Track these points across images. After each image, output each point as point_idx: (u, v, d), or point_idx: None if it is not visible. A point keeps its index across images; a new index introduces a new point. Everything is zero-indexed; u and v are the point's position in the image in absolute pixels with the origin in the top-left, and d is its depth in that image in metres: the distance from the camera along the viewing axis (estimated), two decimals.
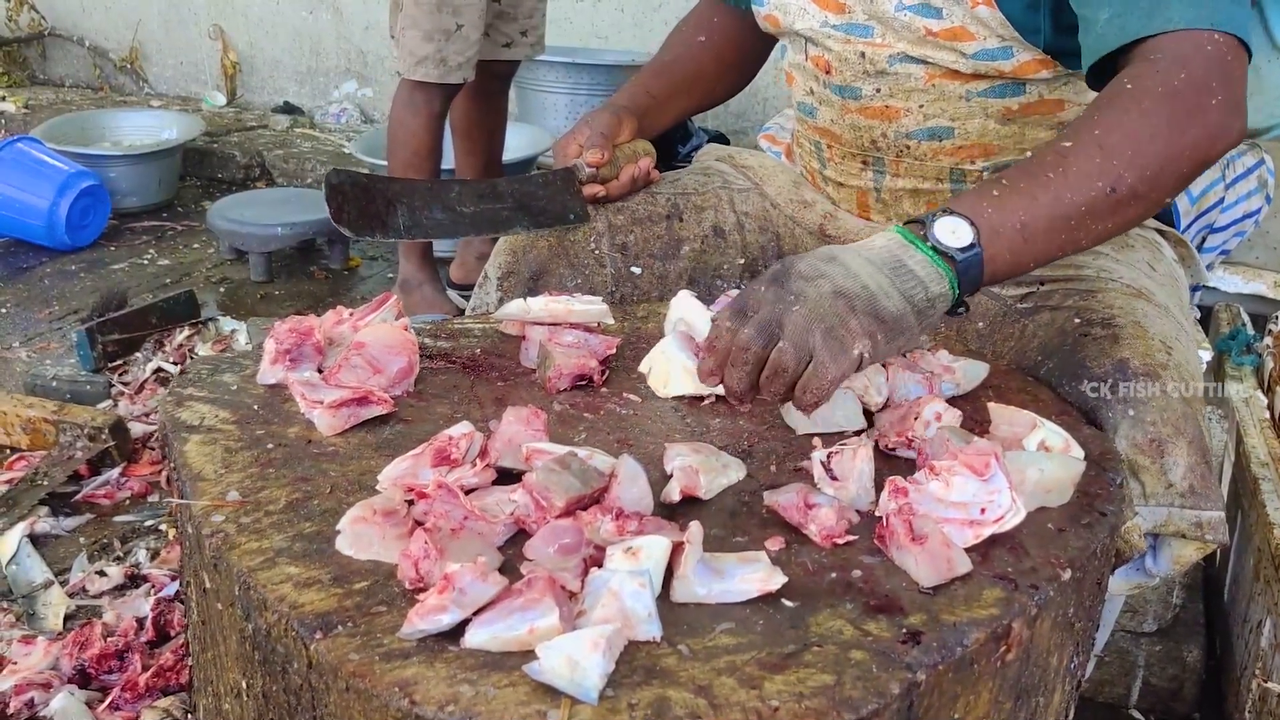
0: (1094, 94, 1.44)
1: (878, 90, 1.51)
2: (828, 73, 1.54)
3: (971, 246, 1.14)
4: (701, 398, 1.27)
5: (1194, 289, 1.77)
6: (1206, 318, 2.62)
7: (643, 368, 1.32)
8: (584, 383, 1.30)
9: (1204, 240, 2.68)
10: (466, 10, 3.02)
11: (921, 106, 1.50)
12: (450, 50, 3.02)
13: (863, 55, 1.49)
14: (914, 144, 1.52)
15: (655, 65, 1.75)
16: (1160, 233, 1.59)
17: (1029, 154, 1.48)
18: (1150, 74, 1.23)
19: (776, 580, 0.95)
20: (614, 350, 1.33)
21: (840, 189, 1.64)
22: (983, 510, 1.01)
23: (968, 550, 0.99)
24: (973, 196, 1.18)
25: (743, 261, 1.66)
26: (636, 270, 1.61)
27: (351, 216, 1.45)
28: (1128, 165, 1.18)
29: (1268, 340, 2.37)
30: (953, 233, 1.14)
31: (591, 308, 1.38)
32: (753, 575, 0.95)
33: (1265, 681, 1.77)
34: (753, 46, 1.75)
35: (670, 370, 1.28)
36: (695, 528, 0.96)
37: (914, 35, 1.44)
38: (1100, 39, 1.28)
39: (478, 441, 1.11)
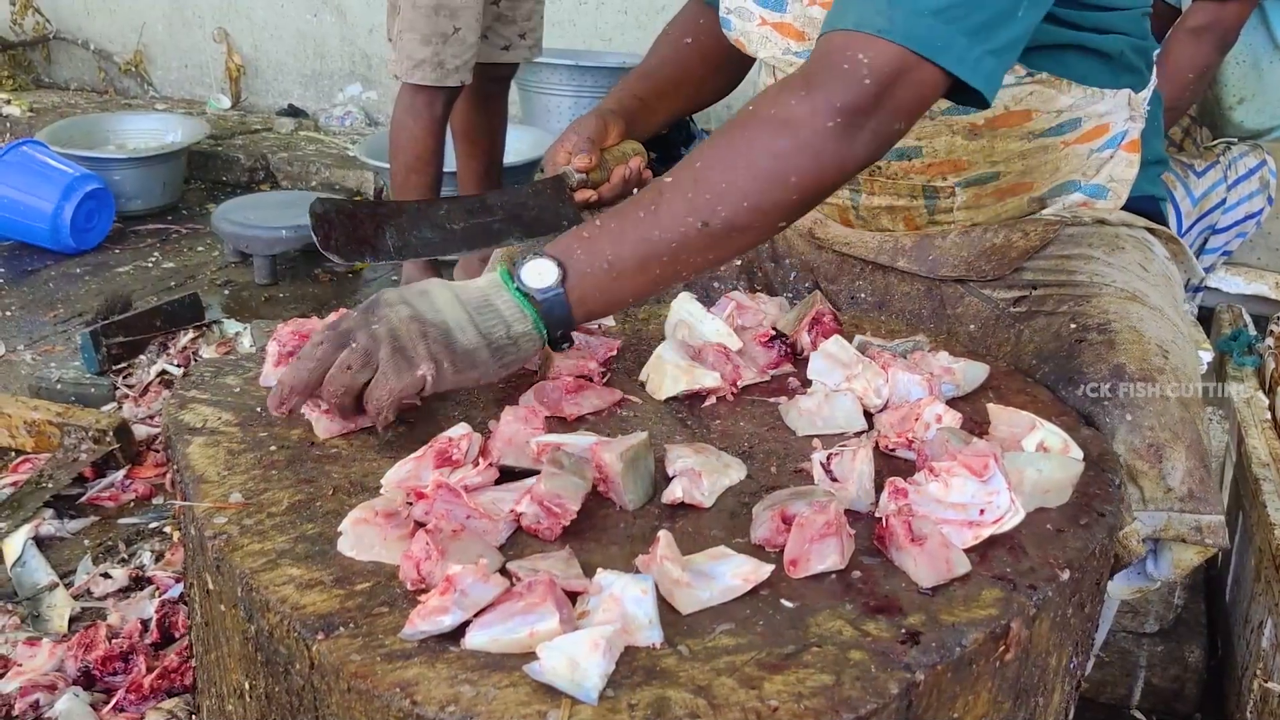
0: (1064, 99, 1.43)
1: None
2: None
3: (553, 288, 1.16)
4: (701, 398, 1.28)
5: (1195, 290, 1.77)
6: (1208, 319, 2.63)
7: (642, 377, 1.32)
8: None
9: (1206, 241, 2.68)
10: (464, 13, 3.03)
11: None
12: (448, 53, 3.03)
13: None
14: (884, 164, 1.51)
15: (642, 69, 1.75)
16: (1151, 231, 1.58)
17: (998, 166, 1.48)
18: (773, 92, 1.21)
19: (764, 570, 0.96)
20: (615, 352, 1.34)
21: (823, 206, 1.65)
22: (982, 511, 1.02)
23: (966, 551, 1.00)
24: (568, 238, 1.21)
25: (739, 263, 1.67)
26: None
27: (339, 242, 1.46)
28: (721, 200, 1.16)
29: (1269, 341, 2.37)
30: (539, 275, 1.17)
31: None
32: (740, 570, 0.96)
33: (1266, 682, 1.78)
34: (738, 49, 1.75)
35: (664, 371, 1.28)
36: (665, 536, 0.96)
37: None
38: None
39: (476, 442, 1.12)
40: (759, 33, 1.53)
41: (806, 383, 1.29)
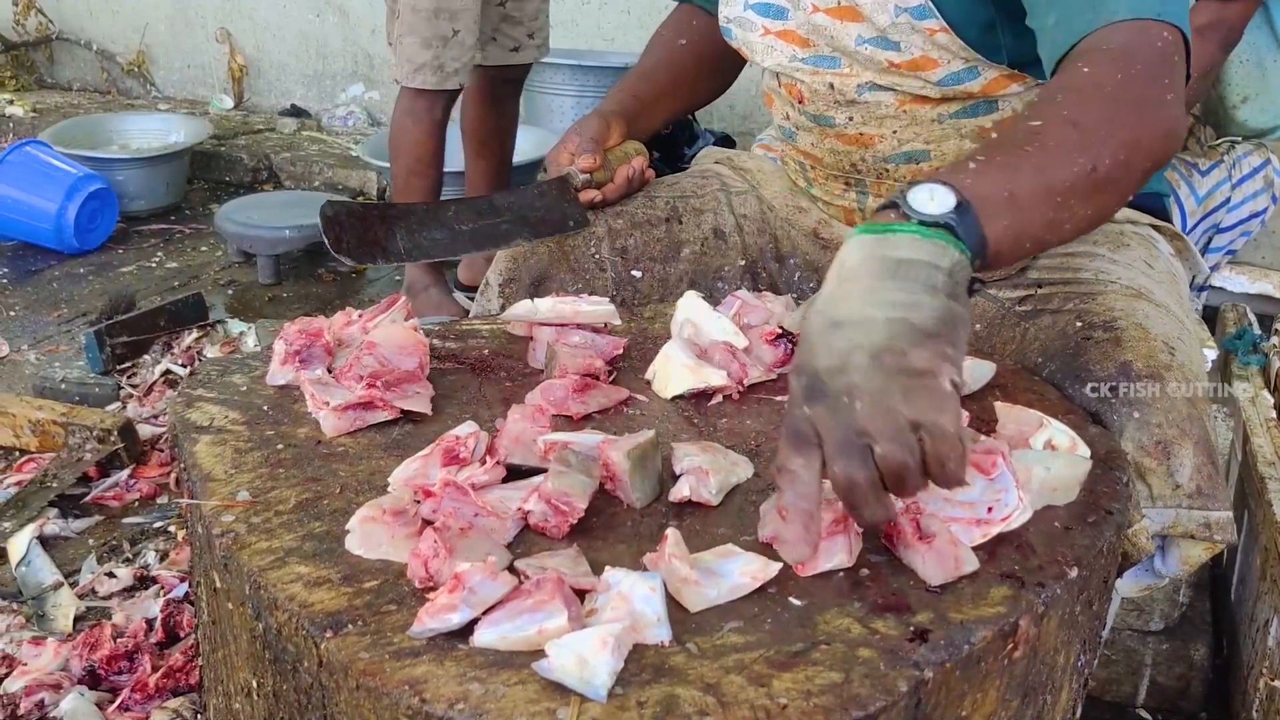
0: None
1: (850, 118, 1.52)
2: (800, 101, 1.55)
3: (960, 205, 0.99)
4: (708, 396, 1.28)
5: (1200, 289, 1.77)
6: (1212, 317, 2.62)
7: (648, 375, 1.32)
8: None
9: (1210, 240, 2.68)
10: (463, 15, 3.03)
11: (895, 132, 1.50)
12: (448, 56, 3.03)
13: (831, 86, 1.50)
14: (892, 167, 1.52)
15: (639, 70, 1.76)
16: (1155, 228, 1.58)
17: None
18: (1106, 61, 1.19)
19: (772, 569, 0.95)
20: (621, 351, 1.34)
21: (828, 207, 1.65)
22: (989, 509, 1.01)
23: (974, 549, 1.00)
24: (943, 172, 1.04)
25: (743, 263, 1.67)
26: (637, 274, 1.62)
27: (350, 245, 1.46)
28: (1104, 144, 1.11)
29: (1274, 340, 2.37)
30: (931, 199, 0.99)
31: (599, 308, 1.39)
32: (748, 568, 0.96)
33: (1272, 680, 1.77)
34: (732, 49, 1.76)
35: (671, 370, 1.28)
36: (673, 534, 0.96)
37: (878, 67, 1.45)
38: (1053, 45, 1.26)
39: (484, 440, 1.12)
40: (762, 42, 1.53)
41: None
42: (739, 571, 0.96)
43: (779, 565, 0.96)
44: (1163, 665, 2.05)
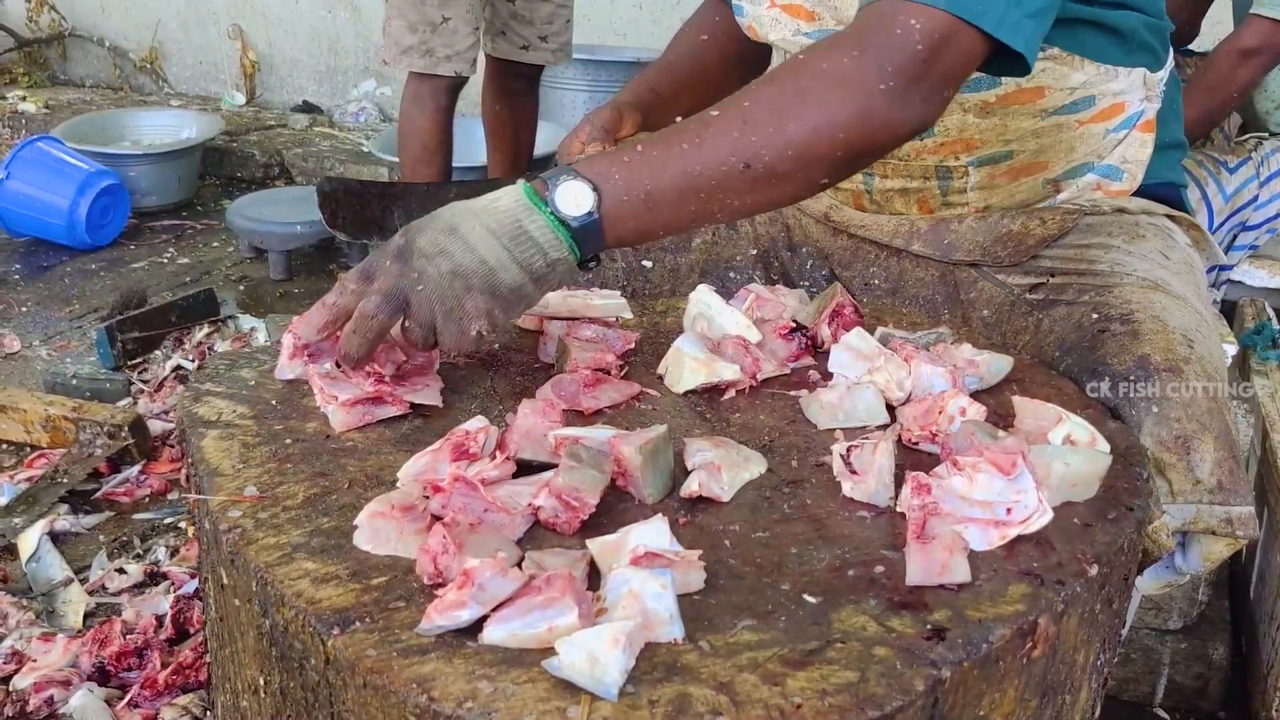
0: (1077, 75, 1.42)
1: None
2: None
3: (589, 214, 1.14)
4: (720, 391, 1.26)
5: (1218, 285, 1.75)
6: (1230, 312, 2.60)
7: (660, 370, 1.30)
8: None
9: (1235, 237, 2.65)
10: (455, 4, 3.03)
11: None
12: (437, 42, 3.04)
13: None
14: None
15: (660, 63, 1.75)
16: (1171, 218, 1.56)
17: (1011, 145, 1.47)
18: (826, 47, 1.18)
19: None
20: (633, 345, 1.32)
21: (836, 191, 1.63)
22: (1009, 510, 1.00)
23: (992, 550, 0.98)
24: (604, 161, 1.18)
25: (755, 252, 1.65)
26: (648, 264, 1.61)
27: (346, 222, 1.46)
28: (766, 143, 1.14)
29: None
30: (575, 201, 1.14)
31: (610, 302, 1.37)
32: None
33: None
34: (756, 45, 1.74)
35: (683, 364, 1.27)
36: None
37: None
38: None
39: (494, 435, 1.10)
40: (769, 15, 1.52)
41: (827, 375, 1.27)
42: None
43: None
44: (1181, 664, 2.03)
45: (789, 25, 1.50)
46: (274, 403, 1.22)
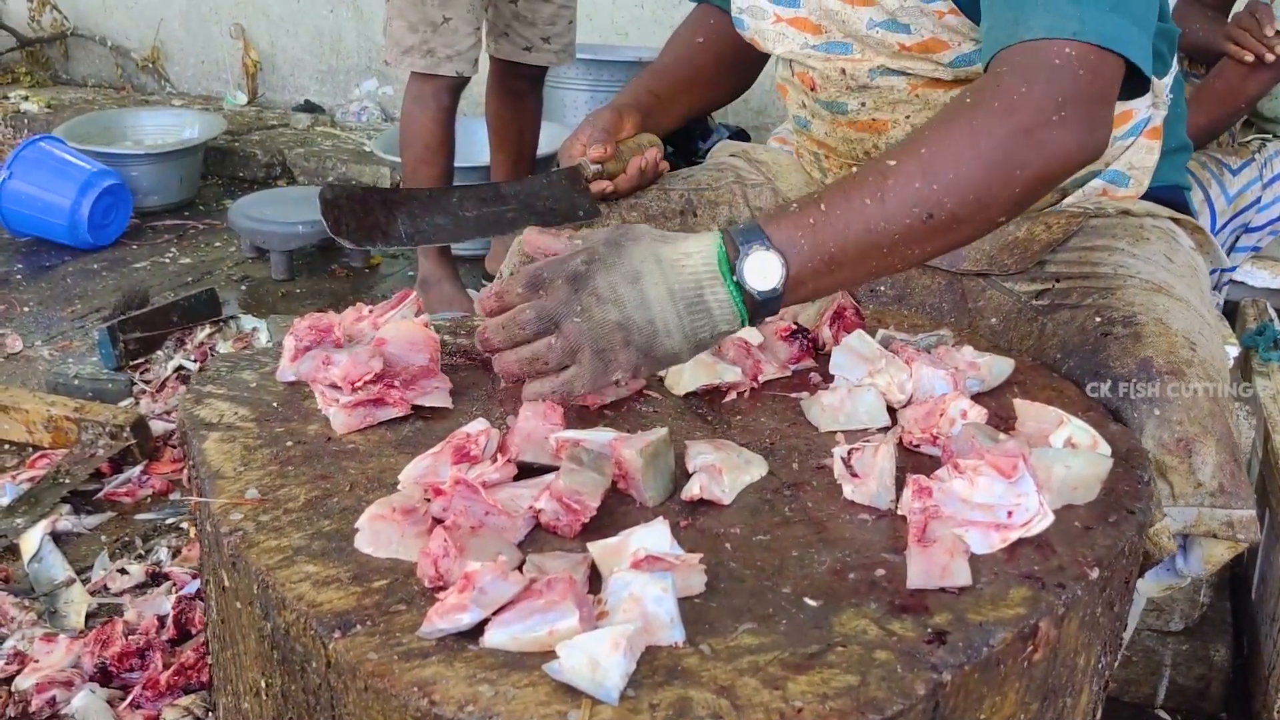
0: None
1: (863, 104, 1.51)
2: (813, 89, 1.54)
3: (774, 289, 1.12)
4: (722, 393, 1.26)
5: (1220, 285, 1.75)
6: (1232, 313, 2.60)
7: (661, 372, 1.30)
8: None
9: (1237, 239, 2.65)
10: (455, 4, 3.04)
11: (908, 117, 1.49)
12: (438, 42, 3.05)
13: (843, 71, 1.49)
14: None
15: (656, 67, 1.75)
16: (1175, 221, 1.56)
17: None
18: (989, 89, 1.18)
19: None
20: None
21: None
22: (1009, 513, 1.00)
23: (993, 553, 0.98)
24: (791, 224, 1.14)
25: None
26: None
27: (350, 228, 1.45)
28: (948, 191, 1.13)
29: None
30: (764, 276, 1.12)
31: None
32: None
33: None
34: (751, 48, 1.74)
35: (684, 366, 1.26)
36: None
37: (889, 50, 1.44)
38: (983, 56, 1.25)
39: (495, 438, 1.10)
40: (774, 30, 1.52)
41: (828, 378, 1.27)
42: None
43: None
44: (1182, 666, 2.03)
45: (796, 39, 1.50)
46: (275, 405, 1.22)
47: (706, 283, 1.12)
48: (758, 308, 1.13)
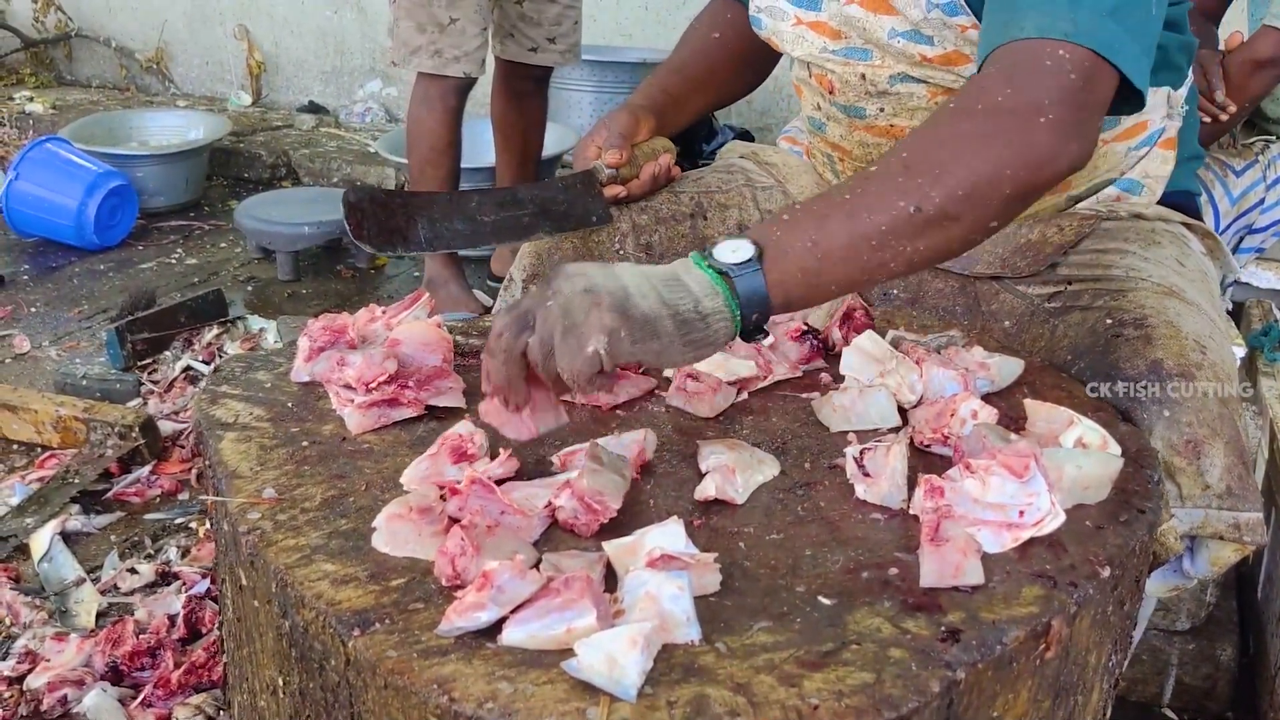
0: None
1: (881, 110, 1.51)
2: (831, 92, 1.54)
3: (748, 264, 1.09)
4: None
5: (1225, 285, 1.75)
6: (1238, 314, 2.60)
7: (668, 372, 1.31)
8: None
9: (1241, 240, 2.65)
10: (461, 4, 3.04)
11: None
12: (445, 43, 3.05)
13: (863, 77, 1.49)
14: None
15: (671, 64, 1.74)
16: (1187, 226, 1.57)
17: None
18: (976, 89, 1.17)
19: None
20: None
21: None
22: (1021, 513, 1.00)
23: (1006, 553, 0.99)
24: (765, 223, 1.14)
25: None
26: None
27: (371, 232, 1.45)
28: (934, 184, 1.10)
29: None
30: (733, 251, 1.10)
31: None
32: None
33: None
34: (766, 44, 1.74)
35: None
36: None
37: (911, 60, 1.43)
38: (978, 55, 1.24)
39: (483, 434, 1.11)
40: (793, 32, 1.52)
41: (839, 378, 1.28)
42: None
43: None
44: (1189, 665, 2.03)
45: (815, 42, 1.50)
46: (290, 405, 1.23)
47: (680, 269, 1.10)
48: (740, 288, 1.09)
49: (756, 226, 1.15)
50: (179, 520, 2.42)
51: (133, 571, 2.20)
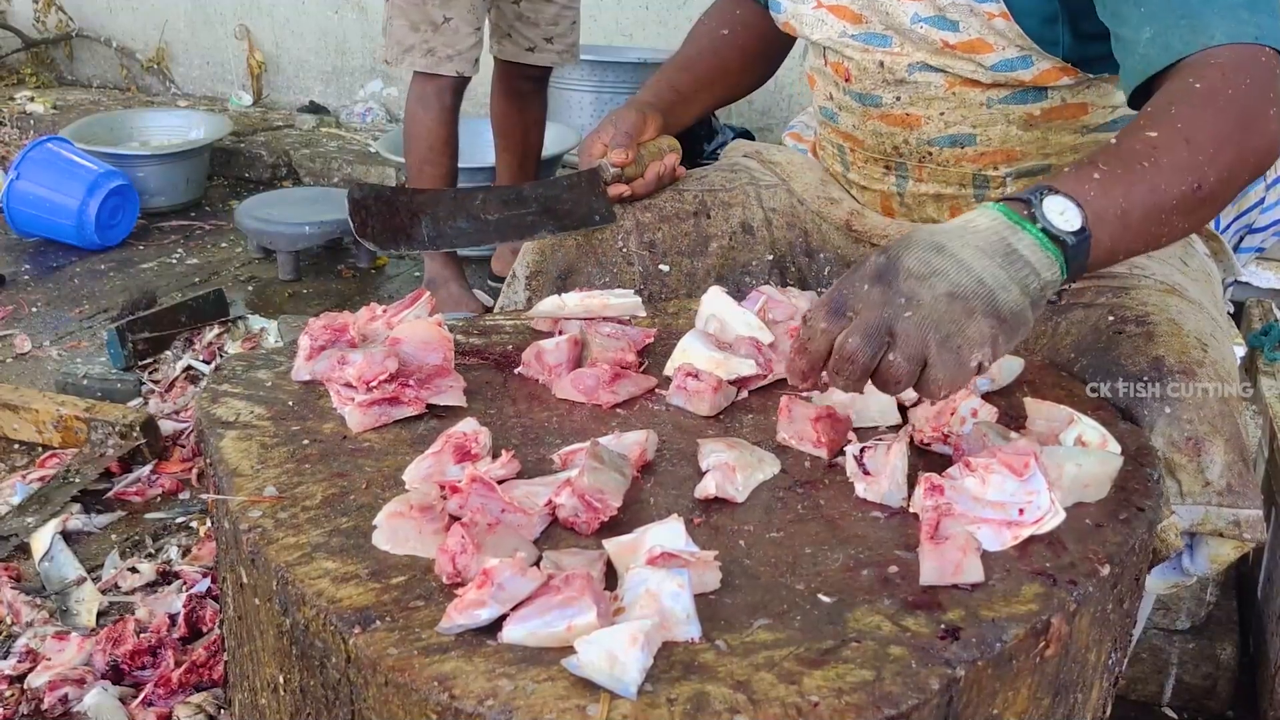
0: (1119, 95, 1.43)
1: (898, 98, 1.51)
2: (847, 80, 1.54)
3: (1082, 230, 1.07)
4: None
5: (1226, 285, 1.75)
6: (1238, 313, 2.60)
7: (668, 371, 1.31)
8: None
9: (1241, 240, 2.65)
10: (455, 4, 3.05)
11: (942, 114, 1.50)
12: (438, 42, 3.06)
13: (881, 64, 1.49)
14: (936, 150, 1.51)
15: (679, 60, 1.74)
16: None
17: (1050, 159, 1.48)
18: (1217, 77, 1.19)
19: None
20: (652, 339, 1.33)
21: (864, 192, 1.64)
22: (1021, 511, 1.01)
23: (1006, 551, 0.99)
24: (1072, 178, 1.11)
25: (771, 258, 1.66)
26: (664, 268, 1.61)
27: (376, 230, 1.45)
28: (1210, 162, 1.14)
29: None
30: (1061, 214, 1.07)
31: (626, 301, 1.38)
32: None
33: None
34: (776, 39, 1.74)
35: (698, 364, 1.27)
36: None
37: (932, 47, 1.44)
38: (1144, 60, 1.25)
39: (487, 434, 1.11)
40: (814, 15, 1.52)
41: None
42: None
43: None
44: (1189, 664, 2.03)
45: (835, 26, 1.50)
46: (291, 404, 1.23)
47: (1007, 234, 1.06)
48: (1071, 257, 1.07)
49: (1066, 180, 1.10)
50: (180, 519, 2.42)
51: (133, 570, 2.20)
